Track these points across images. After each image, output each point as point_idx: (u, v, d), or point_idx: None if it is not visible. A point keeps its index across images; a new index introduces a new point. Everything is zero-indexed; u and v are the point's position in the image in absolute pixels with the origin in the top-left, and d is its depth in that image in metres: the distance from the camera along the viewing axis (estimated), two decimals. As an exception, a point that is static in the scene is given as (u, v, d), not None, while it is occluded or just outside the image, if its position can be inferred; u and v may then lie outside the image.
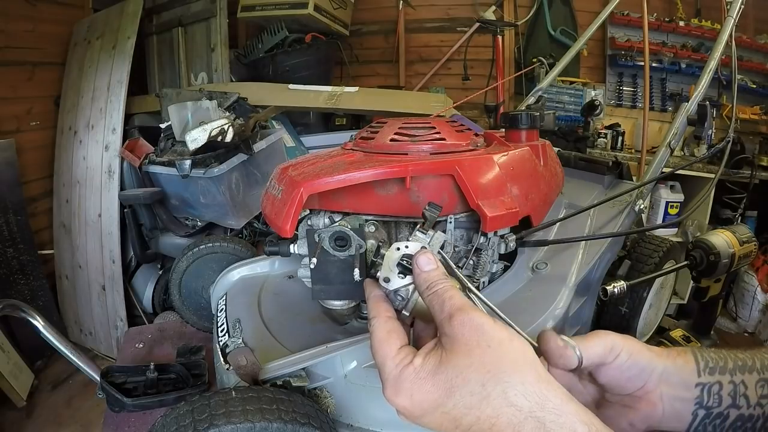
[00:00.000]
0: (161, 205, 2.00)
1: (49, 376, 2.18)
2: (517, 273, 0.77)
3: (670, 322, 1.15)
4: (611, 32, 3.07)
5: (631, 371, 0.48)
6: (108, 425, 0.85)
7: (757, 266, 2.35)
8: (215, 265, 1.03)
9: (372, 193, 0.65)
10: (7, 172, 2.18)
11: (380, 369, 0.41)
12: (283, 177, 0.66)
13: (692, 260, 0.88)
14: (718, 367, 0.49)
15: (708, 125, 1.00)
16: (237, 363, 0.66)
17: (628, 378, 0.48)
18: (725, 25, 1.15)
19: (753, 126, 2.86)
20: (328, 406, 0.64)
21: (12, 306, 0.89)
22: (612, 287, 0.80)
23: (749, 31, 2.90)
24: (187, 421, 0.50)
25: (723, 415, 0.48)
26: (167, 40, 2.81)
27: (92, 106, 2.36)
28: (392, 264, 0.46)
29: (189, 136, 1.78)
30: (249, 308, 0.82)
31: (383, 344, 0.42)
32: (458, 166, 0.63)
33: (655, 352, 0.49)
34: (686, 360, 0.49)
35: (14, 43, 2.30)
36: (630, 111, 3.13)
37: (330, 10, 2.88)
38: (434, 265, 0.44)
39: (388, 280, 0.46)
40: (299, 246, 0.72)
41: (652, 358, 0.48)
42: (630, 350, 0.48)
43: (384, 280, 0.46)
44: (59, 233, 2.47)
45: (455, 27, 3.30)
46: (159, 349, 1.09)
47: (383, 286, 0.46)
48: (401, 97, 2.72)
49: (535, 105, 1.57)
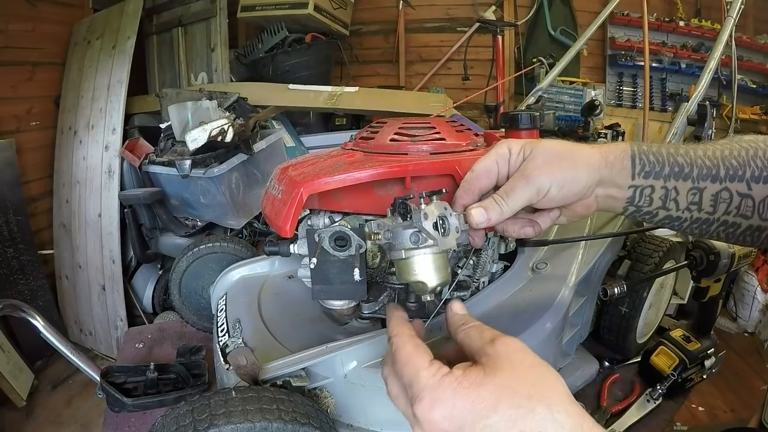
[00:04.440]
0: (161, 205, 2.00)
1: (49, 376, 2.17)
2: (517, 273, 0.77)
3: (670, 322, 1.15)
4: (611, 32, 3.07)
5: (567, 197, 0.50)
6: (108, 425, 0.85)
7: (757, 266, 2.35)
8: (215, 265, 1.03)
9: (372, 193, 0.65)
10: (7, 172, 2.18)
11: (411, 383, 0.39)
12: (283, 177, 0.66)
13: (692, 260, 0.88)
14: (654, 172, 0.50)
15: (708, 125, 1.00)
16: (237, 363, 0.66)
17: (563, 198, 0.50)
18: (725, 25, 1.15)
19: (753, 126, 2.86)
20: (328, 406, 0.64)
21: (12, 306, 0.89)
22: (612, 287, 0.80)
23: (749, 31, 2.91)
24: (187, 421, 0.50)
25: (652, 213, 0.52)
26: (167, 40, 2.81)
27: (92, 106, 2.36)
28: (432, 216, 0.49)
29: (189, 136, 1.78)
30: (249, 308, 0.82)
31: (413, 357, 0.40)
32: (458, 166, 0.63)
33: (591, 164, 0.50)
34: (623, 163, 0.50)
35: (14, 43, 2.29)
36: (630, 111, 3.13)
37: (330, 10, 2.88)
38: (466, 311, 0.46)
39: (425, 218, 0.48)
40: (299, 246, 0.72)
41: (589, 174, 0.50)
42: (561, 182, 0.49)
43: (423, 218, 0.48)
44: (59, 233, 2.47)
45: (455, 27, 3.30)
46: (159, 349, 1.08)
47: (422, 222, 0.48)
48: (401, 97, 2.72)
49: (535, 105, 1.57)
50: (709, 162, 0.50)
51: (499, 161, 0.52)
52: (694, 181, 0.50)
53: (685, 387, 0.94)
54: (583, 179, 0.50)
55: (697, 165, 0.50)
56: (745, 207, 0.49)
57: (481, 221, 0.51)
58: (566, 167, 0.49)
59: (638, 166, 0.50)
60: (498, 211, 0.50)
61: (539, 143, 0.52)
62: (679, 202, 0.51)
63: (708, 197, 0.50)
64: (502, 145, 0.52)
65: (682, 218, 0.52)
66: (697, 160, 0.50)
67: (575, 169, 0.50)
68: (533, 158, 0.50)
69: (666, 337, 0.97)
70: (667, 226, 0.53)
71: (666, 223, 0.53)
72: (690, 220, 0.52)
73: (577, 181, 0.49)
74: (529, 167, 0.50)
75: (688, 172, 0.50)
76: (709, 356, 0.96)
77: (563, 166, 0.49)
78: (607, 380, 0.93)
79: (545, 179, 0.49)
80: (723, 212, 0.50)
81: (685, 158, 0.50)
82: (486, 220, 0.51)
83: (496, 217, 0.51)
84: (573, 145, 0.52)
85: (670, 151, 0.51)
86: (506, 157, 0.52)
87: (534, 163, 0.50)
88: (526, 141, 0.52)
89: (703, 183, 0.49)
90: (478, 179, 0.52)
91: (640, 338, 1.02)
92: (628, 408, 0.88)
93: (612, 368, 0.97)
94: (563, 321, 0.71)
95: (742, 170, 0.49)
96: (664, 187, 0.50)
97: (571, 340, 0.85)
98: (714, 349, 0.97)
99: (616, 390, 0.93)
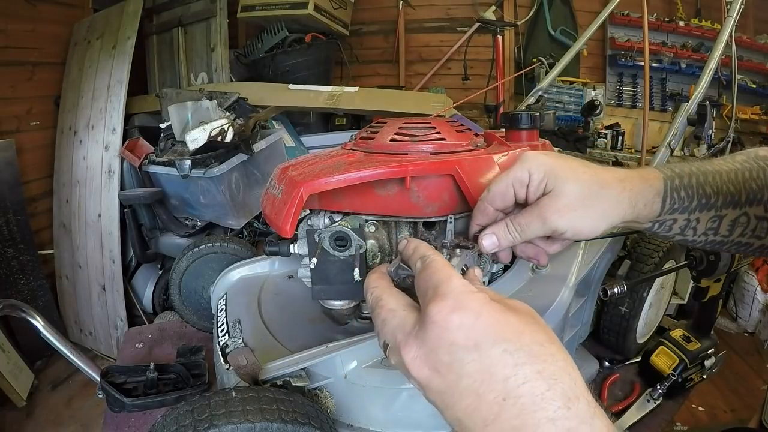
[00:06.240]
0: (161, 205, 2.00)
1: (49, 376, 2.17)
2: (517, 273, 0.77)
3: (670, 322, 1.15)
4: (611, 32, 3.07)
5: (582, 237, 0.49)
6: (108, 425, 0.85)
7: (757, 266, 2.35)
8: (215, 265, 1.03)
9: (372, 193, 0.65)
10: (7, 172, 2.18)
11: (439, 284, 0.36)
12: (283, 177, 0.66)
13: (692, 260, 0.88)
14: (681, 208, 0.48)
15: (708, 125, 1.00)
16: (237, 363, 0.66)
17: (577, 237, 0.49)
18: (725, 25, 1.15)
19: (753, 126, 2.87)
20: (328, 406, 0.64)
21: (12, 306, 0.89)
22: (612, 287, 0.80)
23: (749, 31, 2.91)
24: (187, 421, 0.50)
25: (668, 237, 0.51)
26: (167, 40, 2.81)
27: (92, 106, 2.36)
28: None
29: (189, 136, 1.78)
30: (249, 308, 0.82)
31: (447, 266, 0.38)
32: (458, 166, 0.63)
33: (617, 213, 0.47)
34: (652, 207, 0.48)
35: (14, 43, 2.29)
36: (630, 111, 3.13)
37: (330, 10, 2.88)
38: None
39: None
40: (299, 246, 0.72)
41: (610, 222, 0.48)
42: (579, 229, 0.47)
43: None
44: (59, 233, 2.47)
45: (455, 27, 3.30)
46: (159, 349, 1.08)
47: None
48: (401, 97, 2.72)
49: (535, 105, 1.57)
50: (733, 188, 0.48)
51: (516, 185, 0.49)
52: (717, 210, 0.48)
53: (685, 387, 0.94)
54: (603, 226, 0.47)
55: (722, 192, 0.48)
56: (761, 229, 0.49)
57: (491, 249, 0.51)
58: (588, 216, 0.46)
59: (668, 206, 0.48)
60: (509, 240, 0.50)
61: (564, 179, 0.47)
62: (698, 230, 0.50)
63: (727, 223, 0.49)
64: (522, 167, 0.48)
65: (697, 241, 0.51)
66: (723, 186, 0.48)
67: (597, 217, 0.47)
68: (555, 197, 0.46)
69: (666, 337, 0.97)
70: (679, 244, 0.53)
71: (679, 243, 0.52)
72: (704, 242, 0.51)
73: (595, 230, 0.47)
74: (548, 208, 0.47)
75: (713, 203, 0.48)
76: (709, 356, 0.96)
77: (585, 215, 0.46)
78: (607, 380, 0.93)
79: (563, 224, 0.46)
80: (738, 234, 0.50)
81: (713, 186, 0.48)
82: (496, 247, 0.51)
83: (506, 245, 0.51)
84: (601, 183, 0.47)
85: (700, 180, 0.48)
86: (524, 183, 0.48)
87: (555, 205, 0.46)
88: (550, 167, 0.47)
89: (724, 211, 0.48)
90: (492, 201, 0.51)
91: (640, 338, 1.02)
92: (628, 408, 0.88)
93: (612, 368, 0.97)
94: (563, 321, 0.72)
95: (761, 194, 0.48)
96: (686, 219, 0.49)
97: (571, 340, 0.85)
98: (714, 349, 0.97)
99: (616, 390, 0.93)
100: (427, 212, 0.65)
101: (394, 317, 0.37)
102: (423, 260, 0.40)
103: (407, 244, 0.45)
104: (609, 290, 0.79)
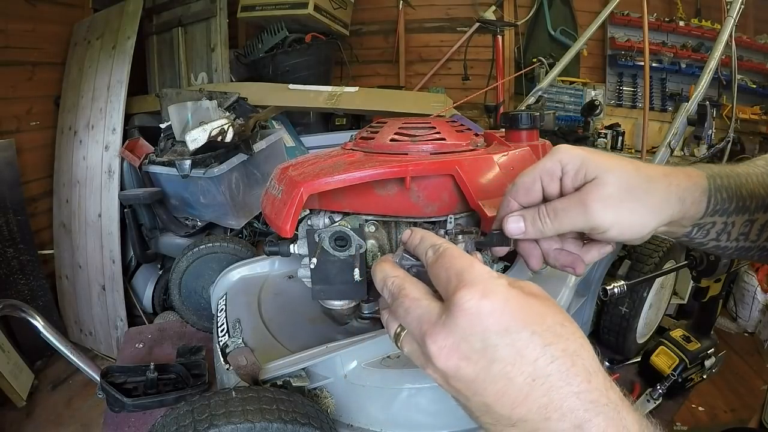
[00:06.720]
0: (161, 205, 2.00)
1: (49, 376, 2.17)
2: (517, 273, 0.77)
3: (670, 322, 1.15)
4: (611, 32, 3.07)
5: (623, 239, 0.43)
6: (108, 425, 0.85)
7: (757, 266, 2.35)
8: (215, 265, 1.03)
9: (372, 193, 0.65)
10: (7, 172, 2.18)
11: (462, 271, 0.35)
12: (283, 177, 0.66)
13: (692, 260, 0.88)
14: (722, 209, 0.46)
15: (708, 125, 1.00)
16: (237, 363, 0.66)
17: (619, 238, 0.44)
18: (725, 25, 1.15)
19: (753, 126, 2.86)
20: (328, 406, 0.64)
21: (12, 306, 0.89)
22: (612, 287, 0.80)
23: (749, 31, 2.90)
24: (187, 422, 0.50)
25: (702, 243, 0.49)
26: (167, 40, 2.81)
27: (92, 106, 2.36)
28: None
29: (189, 136, 1.78)
30: (249, 308, 0.82)
31: (464, 253, 0.37)
32: (458, 166, 0.63)
33: (666, 208, 0.43)
34: (699, 205, 0.45)
35: (14, 43, 2.29)
36: (630, 111, 3.13)
37: (330, 10, 2.88)
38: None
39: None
40: (299, 246, 0.72)
41: (660, 219, 0.43)
42: (625, 226, 0.42)
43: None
44: (59, 233, 2.47)
45: (455, 27, 3.30)
46: (159, 349, 1.09)
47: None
48: (401, 97, 2.72)
49: (535, 105, 1.57)
50: (764, 191, 0.47)
51: (544, 178, 0.44)
52: (750, 213, 0.47)
53: (685, 387, 0.94)
54: (652, 224, 0.43)
55: (756, 196, 0.47)
56: None
57: (516, 232, 0.45)
58: (637, 209, 0.42)
59: (711, 206, 0.45)
60: (538, 229, 0.44)
61: (610, 165, 0.41)
62: (731, 234, 0.48)
63: (757, 228, 0.48)
64: (552, 158, 0.43)
65: (728, 247, 0.49)
66: (756, 189, 0.47)
67: (646, 213, 0.42)
68: (602, 184, 0.41)
69: (666, 337, 0.97)
70: (710, 251, 0.51)
71: (710, 250, 0.50)
72: (734, 249, 0.50)
73: (643, 227, 0.42)
74: (594, 195, 0.41)
75: (748, 206, 0.47)
76: (709, 356, 0.96)
77: (634, 207, 0.41)
78: (607, 380, 0.93)
79: (608, 218, 0.41)
80: (765, 239, 0.49)
81: (748, 189, 0.47)
82: (521, 232, 0.45)
83: (533, 233, 0.45)
84: (649, 173, 0.43)
85: (737, 182, 0.46)
86: (555, 175, 0.43)
87: (601, 192, 0.41)
88: (587, 157, 0.42)
89: (756, 215, 0.47)
90: (516, 194, 0.46)
91: (640, 338, 1.02)
92: (628, 408, 0.88)
93: (612, 368, 0.97)
94: (563, 321, 0.71)
95: None
96: (724, 223, 0.47)
97: (571, 340, 0.85)
98: (714, 349, 0.97)
99: (616, 390, 0.93)
100: (427, 212, 0.65)
101: (419, 306, 0.37)
102: (435, 249, 0.39)
103: (412, 234, 0.43)
104: (609, 290, 0.79)
